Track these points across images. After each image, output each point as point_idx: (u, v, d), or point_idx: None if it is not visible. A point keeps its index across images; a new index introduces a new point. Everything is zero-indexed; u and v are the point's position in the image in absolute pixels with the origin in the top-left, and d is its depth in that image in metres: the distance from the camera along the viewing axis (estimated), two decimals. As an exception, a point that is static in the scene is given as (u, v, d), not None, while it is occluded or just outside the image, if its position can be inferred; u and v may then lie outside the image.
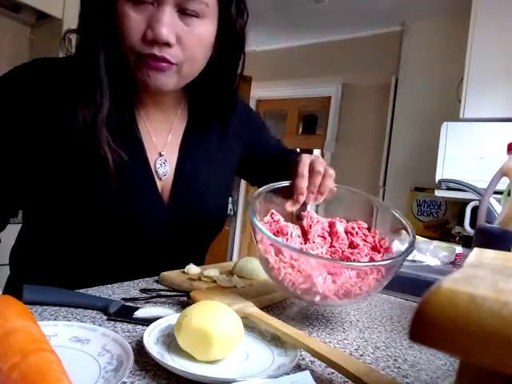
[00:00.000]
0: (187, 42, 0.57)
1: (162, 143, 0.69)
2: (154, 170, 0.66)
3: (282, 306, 0.63)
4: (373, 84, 3.08)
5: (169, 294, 0.59)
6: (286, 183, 0.63)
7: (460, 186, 1.35)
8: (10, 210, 0.67)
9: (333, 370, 0.42)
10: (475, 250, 0.36)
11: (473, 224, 1.56)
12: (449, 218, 2.54)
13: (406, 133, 2.74)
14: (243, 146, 0.83)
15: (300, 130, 3.74)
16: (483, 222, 0.81)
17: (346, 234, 0.55)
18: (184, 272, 0.69)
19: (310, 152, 3.79)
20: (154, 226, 0.66)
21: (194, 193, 0.71)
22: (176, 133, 0.71)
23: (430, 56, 2.68)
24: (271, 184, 0.60)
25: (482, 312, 0.16)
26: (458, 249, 1.28)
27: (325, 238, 0.53)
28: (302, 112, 3.68)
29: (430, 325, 0.17)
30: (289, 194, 0.62)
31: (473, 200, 1.63)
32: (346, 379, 0.39)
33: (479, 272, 0.23)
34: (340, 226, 0.54)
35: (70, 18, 1.94)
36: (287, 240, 0.52)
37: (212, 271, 0.66)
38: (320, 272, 0.46)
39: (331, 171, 0.65)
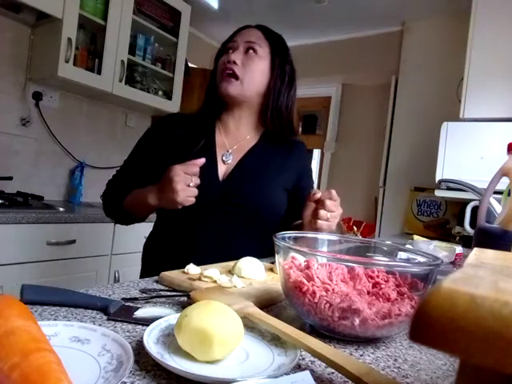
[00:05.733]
0: (247, 65, 1.00)
1: (231, 146, 1.06)
2: (219, 157, 1.03)
3: (282, 306, 0.63)
4: (373, 84, 3.08)
5: (169, 294, 0.59)
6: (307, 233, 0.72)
7: (460, 186, 1.35)
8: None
9: (333, 370, 0.42)
10: (475, 250, 0.36)
11: (473, 224, 1.55)
12: (449, 218, 2.54)
13: (405, 133, 2.74)
14: (296, 178, 1.09)
15: (300, 130, 3.74)
16: (483, 221, 0.81)
17: (367, 278, 0.55)
18: (184, 272, 0.69)
19: (310, 152, 3.78)
20: (211, 196, 0.96)
21: (245, 180, 1.00)
22: (245, 144, 1.06)
23: (430, 56, 2.68)
24: (294, 232, 0.66)
25: (482, 312, 0.16)
26: (458, 249, 1.28)
27: (347, 282, 0.52)
28: (301, 112, 3.67)
29: (430, 325, 0.17)
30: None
31: (473, 200, 1.63)
32: (346, 379, 0.39)
33: (479, 272, 0.23)
34: (360, 269, 0.54)
35: (70, 18, 1.94)
36: (315, 272, 0.53)
37: (212, 271, 0.66)
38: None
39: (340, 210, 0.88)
